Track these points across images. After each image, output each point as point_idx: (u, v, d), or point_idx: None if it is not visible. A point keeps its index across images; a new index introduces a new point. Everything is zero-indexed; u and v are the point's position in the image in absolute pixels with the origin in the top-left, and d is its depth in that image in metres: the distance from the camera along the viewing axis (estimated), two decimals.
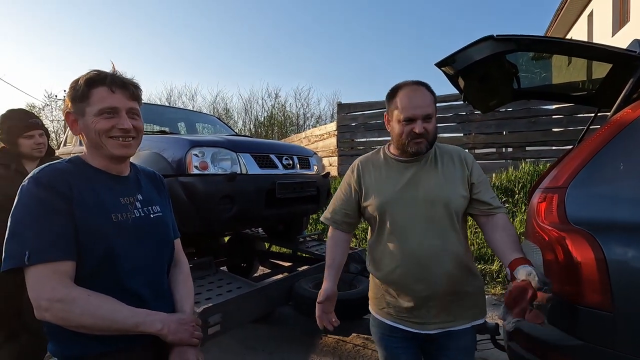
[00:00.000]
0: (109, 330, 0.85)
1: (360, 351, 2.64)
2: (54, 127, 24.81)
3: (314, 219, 6.43)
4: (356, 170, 1.33)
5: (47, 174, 0.88)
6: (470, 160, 1.27)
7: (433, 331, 1.22)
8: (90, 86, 0.91)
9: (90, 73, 0.93)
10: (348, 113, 7.78)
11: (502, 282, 3.90)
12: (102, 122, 0.91)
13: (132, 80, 0.98)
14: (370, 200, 1.26)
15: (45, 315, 0.81)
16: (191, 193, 2.24)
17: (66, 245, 0.84)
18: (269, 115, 21.61)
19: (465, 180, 1.23)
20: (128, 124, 0.93)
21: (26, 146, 1.92)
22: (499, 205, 1.23)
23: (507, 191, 5.17)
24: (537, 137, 5.91)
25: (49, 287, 0.81)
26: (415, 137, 1.16)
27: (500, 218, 1.21)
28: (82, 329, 0.83)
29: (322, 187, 3.13)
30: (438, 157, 1.26)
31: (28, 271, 0.81)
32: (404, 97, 1.18)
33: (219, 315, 1.93)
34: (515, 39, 1.36)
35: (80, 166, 0.95)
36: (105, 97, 0.91)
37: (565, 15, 11.47)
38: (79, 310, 0.81)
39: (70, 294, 0.82)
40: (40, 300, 0.80)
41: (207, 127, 4.26)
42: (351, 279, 2.51)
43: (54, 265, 0.82)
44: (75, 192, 0.87)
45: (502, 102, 2.24)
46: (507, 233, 1.17)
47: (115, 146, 0.93)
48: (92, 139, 0.93)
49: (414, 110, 1.15)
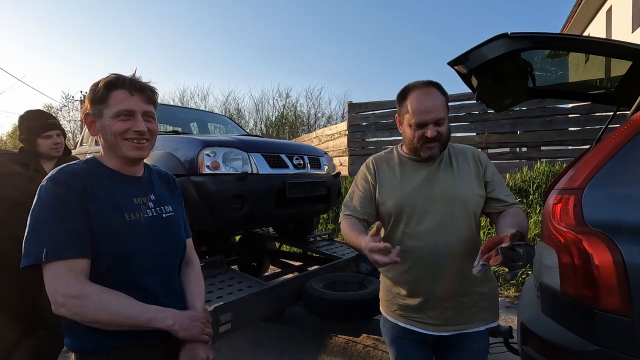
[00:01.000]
0: (122, 325, 0.87)
1: (370, 352, 2.63)
2: (70, 127, 25.44)
3: (324, 218, 6.43)
4: (372, 166, 1.31)
5: (65, 174, 0.91)
6: (483, 158, 1.27)
7: (447, 333, 1.21)
8: (109, 89, 0.94)
9: (110, 76, 0.96)
10: (359, 112, 7.76)
11: (516, 285, 3.84)
12: (118, 124, 0.94)
13: (150, 85, 1.00)
14: (385, 198, 1.25)
15: (60, 311, 0.84)
16: (203, 192, 2.27)
17: (81, 244, 0.87)
18: (280, 115, 21.71)
19: (480, 179, 1.23)
20: (143, 126, 0.96)
21: (44, 146, 1.96)
22: (514, 202, 1.23)
23: (522, 192, 5.07)
24: (552, 136, 5.78)
25: (64, 283, 0.83)
26: (427, 141, 1.15)
27: (513, 209, 1.21)
28: (96, 324, 0.86)
29: (333, 187, 3.12)
30: (452, 157, 1.26)
31: (45, 268, 0.85)
32: (414, 101, 1.15)
33: (229, 313, 1.95)
34: (530, 36, 1.34)
35: (95, 167, 0.98)
36: (122, 100, 0.94)
37: (582, 11, 11.18)
38: (93, 306, 0.84)
39: (85, 290, 0.85)
40: (56, 296, 0.83)
41: (219, 127, 4.31)
42: (361, 279, 2.50)
43: (69, 262, 0.85)
44: (90, 192, 0.90)
45: (517, 101, 2.20)
46: (514, 218, 1.16)
47: (129, 148, 0.96)
48: (108, 140, 0.96)
49: (426, 115, 1.13)
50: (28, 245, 0.86)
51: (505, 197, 1.22)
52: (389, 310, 1.31)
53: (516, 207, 1.22)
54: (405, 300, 1.24)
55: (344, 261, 2.92)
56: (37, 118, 1.98)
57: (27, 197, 1.76)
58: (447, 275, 1.16)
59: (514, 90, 2.00)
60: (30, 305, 1.91)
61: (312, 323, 2.38)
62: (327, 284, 2.47)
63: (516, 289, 3.77)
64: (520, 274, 3.91)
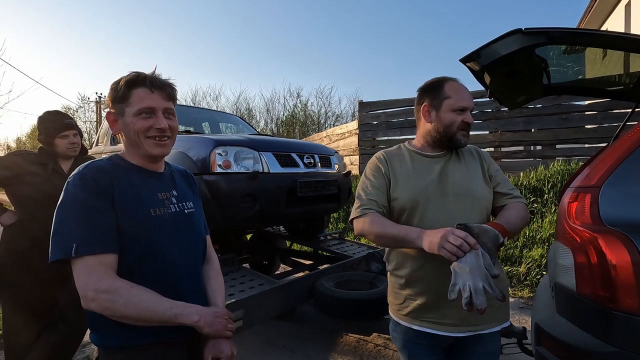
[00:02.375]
0: (150, 321, 0.88)
1: (381, 351, 2.62)
2: (86, 128, 26.00)
3: (334, 217, 6.43)
4: (384, 160, 1.29)
5: (92, 170, 0.92)
6: (484, 153, 1.32)
7: (463, 334, 1.17)
8: (130, 87, 0.95)
9: (130, 75, 0.97)
10: (369, 111, 7.72)
11: (530, 285, 3.77)
12: (140, 122, 0.95)
13: (169, 82, 1.02)
14: (399, 193, 1.22)
15: (91, 305, 0.85)
16: (215, 191, 2.29)
17: (110, 239, 0.88)
18: (291, 114, 21.76)
19: (485, 174, 1.26)
20: (164, 123, 0.97)
21: (61, 146, 2.01)
22: (519, 195, 1.25)
23: (536, 191, 4.98)
24: (568, 134, 5.66)
25: (95, 278, 0.84)
26: (464, 127, 1.21)
27: (513, 203, 1.22)
28: (124, 319, 0.87)
29: (343, 186, 3.12)
30: (460, 153, 1.28)
31: (75, 263, 0.85)
32: (455, 89, 1.21)
33: (241, 311, 1.97)
34: (545, 31, 1.31)
35: (119, 163, 0.99)
36: (143, 97, 0.95)
37: (600, 5, 10.88)
38: (123, 301, 0.85)
39: (114, 285, 0.85)
40: (87, 291, 0.84)
41: (230, 127, 4.34)
42: (372, 278, 2.49)
43: (99, 257, 0.86)
44: (116, 187, 0.92)
45: (531, 98, 2.15)
46: (507, 212, 1.19)
47: (152, 145, 0.98)
48: (130, 138, 0.98)
49: (467, 101, 1.21)
50: (57, 240, 0.86)
51: (510, 190, 1.24)
52: (400, 314, 1.27)
53: (518, 201, 1.23)
54: (418, 300, 1.21)
55: (355, 260, 2.91)
56: (54, 119, 2.03)
57: (44, 197, 1.83)
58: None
59: (528, 87, 1.96)
60: (50, 300, 1.97)
61: (322, 321, 2.39)
62: (337, 282, 2.47)
63: (530, 289, 3.70)
64: (535, 274, 3.84)
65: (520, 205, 1.22)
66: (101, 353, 0.94)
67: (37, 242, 1.74)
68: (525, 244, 4.33)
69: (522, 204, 1.23)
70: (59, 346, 1.99)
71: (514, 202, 1.22)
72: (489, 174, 1.26)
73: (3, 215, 1.95)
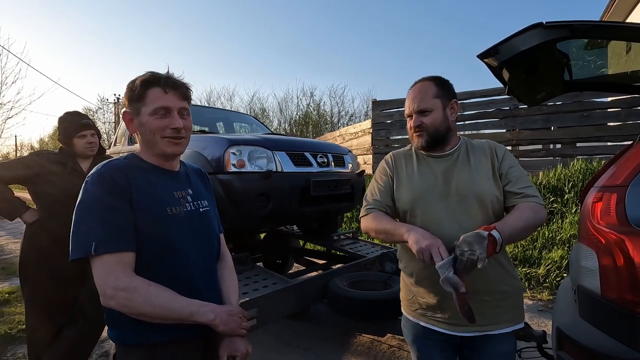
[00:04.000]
0: (166, 318, 0.89)
1: (395, 352, 2.59)
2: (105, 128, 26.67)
3: (347, 217, 6.40)
4: (390, 161, 1.34)
5: (109, 169, 0.93)
6: (500, 150, 1.25)
7: (470, 333, 1.17)
8: (145, 87, 0.97)
9: (145, 75, 0.99)
10: (383, 110, 7.66)
11: (549, 287, 3.67)
12: (156, 122, 0.97)
13: (184, 82, 1.03)
14: (401, 194, 1.25)
15: (110, 303, 0.86)
16: (229, 190, 2.31)
17: (128, 237, 0.89)
18: (304, 114, 21.80)
19: (495, 173, 1.20)
20: (180, 123, 0.99)
21: (80, 145, 2.06)
22: (533, 194, 1.15)
23: (556, 190, 4.84)
24: (589, 132, 5.47)
25: (113, 276, 0.85)
26: (414, 131, 1.23)
27: (522, 204, 1.14)
28: (142, 316, 0.88)
29: (357, 185, 3.10)
30: (470, 152, 1.25)
31: (94, 261, 0.87)
32: (408, 95, 1.26)
33: (255, 309, 1.97)
34: (567, 25, 1.26)
35: (136, 162, 1.00)
36: (159, 97, 0.97)
37: None
38: (141, 299, 0.86)
39: (132, 283, 0.86)
40: (106, 289, 0.86)
41: (244, 127, 4.37)
42: (386, 279, 2.46)
43: (117, 255, 0.87)
44: (134, 186, 0.93)
45: (552, 95, 2.08)
46: (514, 214, 1.12)
47: (167, 144, 0.99)
48: (146, 137, 0.99)
49: (409, 107, 1.24)
50: (76, 239, 0.87)
51: (519, 189, 1.16)
52: (410, 310, 1.29)
53: (529, 201, 1.14)
54: (425, 299, 1.22)
55: (368, 260, 2.89)
56: (73, 119, 2.08)
57: (63, 195, 1.87)
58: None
59: (548, 84, 1.90)
60: (70, 296, 2.02)
61: (336, 321, 2.38)
62: (351, 282, 2.46)
63: (549, 291, 3.60)
64: (554, 276, 3.73)
65: (529, 205, 1.14)
66: (119, 349, 0.95)
67: (58, 239, 1.78)
68: (544, 245, 4.22)
69: (530, 204, 1.14)
70: (79, 341, 2.04)
71: (523, 202, 1.15)
72: (500, 172, 1.20)
73: (26, 213, 2.01)
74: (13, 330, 2.94)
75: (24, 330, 2.55)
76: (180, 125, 0.99)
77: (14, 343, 2.78)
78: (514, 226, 1.07)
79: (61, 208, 1.78)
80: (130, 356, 0.93)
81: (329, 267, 3.33)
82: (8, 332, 2.91)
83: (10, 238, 7.73)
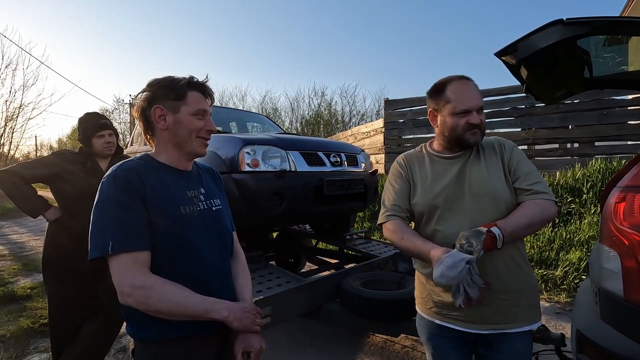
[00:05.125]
0: (182, 315, 0.91)
1: (409, 353, 2.58)
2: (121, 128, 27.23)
3: (360, 217, 6.39)
4: (404, 164, 1.32)
5: (124, 170, 0.96)
6: (508, 145, 1.24)
7: (485, 331, 1.17)
8: (190, 88, 1.03)
9: (190, 77, 1.05)
10: (395, 109, 7.61)
11: (567, 290, 3.59)
12: (196, 122, 1.02)
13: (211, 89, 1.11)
14: (417, 197, 1.25)
15: (127, 301, 0.89)
16: (243, 189, 2.33)
17: (143, 237, 0.91)
18: (315, 113, 21.82)
19: (505, 169, 1.19)
20: (214, 126, 1.07)
21: (98, 145, 2.11)
22: (543, 190, 1.12)
23: (574, 191, 4.73)
24: (609, 130, 5.33)
25: (130, 274, 0.88)
26: (471, 127, 1.17)
27: (529, 201, 1.13)
28: (158, 314, 0.90)
29: (370, 185, 3.09)
30: (480, 151, 1.23)
31: (111, 260, 0.89)
32: (457, 90, 1.18)
33: (269, 307, 1.99)
34: (588, 21, 1.23)
35: (150, 162, 1.03)
36: (200, 100, 1.04)
37: None
38: (157, 297, 0.88)
39: (148, 281, 0.89)
40: (123, 287, 0.88)
41: (257, 126, 4.40)
42: (399, 279, 2.45)
43: (133, 254, 0.89)
44: (148, 186, 0.95)
45: (571, 93, 2.04)
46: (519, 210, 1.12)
47: (200, 145, 1.05)
48: (180, 135, 1.02)
49: (470, 102, 1.16)
50: (94, 239, 0.90)
51: (529, 185, 1.14)
52: (425, 308, 1.29)
53: (537, 198, 1.12)
54: (440, 297, 1.22)
55: (381, 260, 2.88)
56: (91, 119, 2.14)
57: (83, 194, 1.92)
58: (481, 271, 1.11)
59: (567, 81, 1.86)
60: (91, 292, 2.07)
61: (349, 321, 2.38)
62: (364, 282, 2.45)
63: (567, 294, 3.53)
64: (572, 278, 3.65)
65: (536, 202, 1.11)
66: (136, 345, 0.98)
67: (78, 236, 1.83)
68: (561, 246, 4.13)
69: (538, 201, 1.11)
70: (98, 336, 2.09)
71: (530, 199, 1.13)
72: (509, 168, 1.19)
73: (48, 211, 2.07)
74: (35, 325, 3.04)
75: (46, 325, 2.63)
76: (215, 129, 1.07)
77: (36, 337, 2.87)
78: (518, 223, 1.08)
79: (81, 206, 1.83)
80: (147, 351, 0.96)
81: (341, 266, 3.34)
82: (31, 327, 3.01)
83: (32, 235, 7.97)
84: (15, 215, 11.11)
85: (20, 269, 4.99)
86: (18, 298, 3.73)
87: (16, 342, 2.78)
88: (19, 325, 3.04)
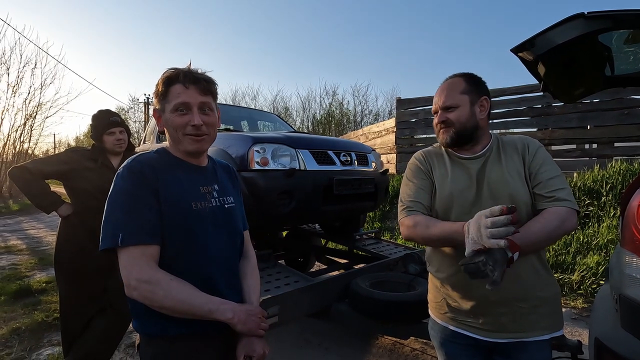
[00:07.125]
0: (185, 314, 0.90)
1: (418, 356, 2.53)
2: (136, 127, 27.70)
3: (370, 217, 6.33)
4: (424, 160, 1.27)
5: (139, 163, 0.95)
6: (533, 146, 1.15)
7: (503, 340, 1.12)
8: (168, 84, 0.98)
9: (167, 72, 0.99)
10: (407, 108, 7.53)
11: (584, 295, 3.48)
12: (177, 119, 0.97)
13: (205, 75, 1.01)
14: (435, 195, 1.20)
15: (133, 294, 0.88)
16: (252, 188, 2.32)
17: (154, 231, 0.90)
18: (327, 112, 21.79)
19: (525, 171, 1.13)
20: (198, 120, 0.97)
21: (109, 142, 2.14)
22: (563, 198, 1.05)
23: (592, 193, 4.59)
24: (630, 131, 5.15)
25: (137, 268, 0.87)
26: (440, 127, 1.21)
27: (549, 209, 1.04)
28: (163, 309, 0.89)
29: (380, 184, 3.05)
30: (501, 150, 1.18)
31: (120, 252, 0.89)
32: (436, 92, 1.25)
33: (277, 307, 1.98)
34: (612, 15, 1.17)
35: (165, 156, 1.02)
36: (179, 93, 0.97)
37: None
38: (162, 292, 0.87)
39: (155, 276, 0.88)
40: (130, 279, 0.87)
41: (268, 125, 4.40)
42: (410, 280, 2.41)
43: (142, 248, 0.88)
44: (160, 180, 0.94)
45: (591, 91, 1.96)
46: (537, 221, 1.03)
47: (189, 142, 0.99)
48: (171, 134, 1.00)
49: (436, 103, 1.23)
50: (106, 230, 0.89)
51: (550, 192, 1.06)
52: (438, 313, 1.25)
53: (558, 205, 1.05)
54: (456, 303, 1.18)
55: (391, 260, 2.84)
56: (102, 117, 2.16)
57: (95, 190, 1.95)
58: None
59: (587, 79, 1.79)
60: (101, 287, 2.10)
61: (357, 322, 2.35)
62: (373, 283, 2.42)
63: (584, 299, 3.42)
64: (590, 283, 3.54)
65: (557, 212, 1.04)
66: (142, 339, 0.97)
67: (90, 232, 1.85)
68: (578, 250, 4.01)
69: (559, 211, 1.04)
70: (108, 331, 2.11)
71: (552, 207, 1.05)
72: (529, 171, 1.12)
73: (61, 207, 2.10)
74: (49, 318, 3.10)
75: (59, 319, 2.68)
76: (198, 122, 0.97)
77: (50, 330, 2.93)
78: (534, 241, 1.00)
79: (93, 202, 1.85)
80: (152, 347, 0.95)
81: (350, 266, 3.30)
82: (45, 320, 3.08)
83: (49, 230, 8.17)
84: (34, 210, 11.42)
85: (36, 263, 5.12)
86: (33, 292, 3.83)
87: (30, 334, 2.85)
88: (33, 318, 3.11)
